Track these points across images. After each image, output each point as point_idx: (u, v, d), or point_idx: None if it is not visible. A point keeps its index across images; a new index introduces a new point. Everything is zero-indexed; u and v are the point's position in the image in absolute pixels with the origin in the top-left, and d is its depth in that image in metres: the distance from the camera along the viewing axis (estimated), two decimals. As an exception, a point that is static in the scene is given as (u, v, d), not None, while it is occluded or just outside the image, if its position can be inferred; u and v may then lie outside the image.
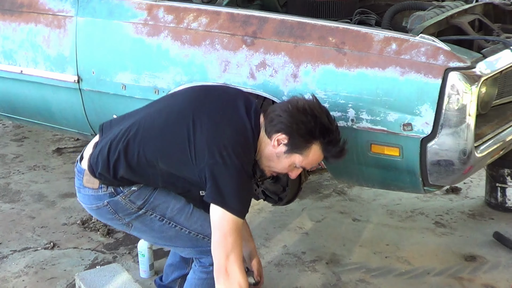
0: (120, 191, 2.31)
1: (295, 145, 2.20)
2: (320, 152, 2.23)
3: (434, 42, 2.35)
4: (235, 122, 2.22)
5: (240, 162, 2.15)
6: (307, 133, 2.18)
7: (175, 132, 2.23)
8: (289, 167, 2.26)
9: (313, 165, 2.30)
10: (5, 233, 3.55)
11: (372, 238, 3.49)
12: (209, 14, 2.75)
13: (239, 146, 2.17)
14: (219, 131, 2.18)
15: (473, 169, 2.45)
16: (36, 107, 3.43)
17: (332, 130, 2.22)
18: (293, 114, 2.19)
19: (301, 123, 2.17)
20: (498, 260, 3.24)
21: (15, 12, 3.31)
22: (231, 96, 2.34)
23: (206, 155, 2.15)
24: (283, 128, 2.19)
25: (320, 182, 4.18)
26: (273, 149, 2.23)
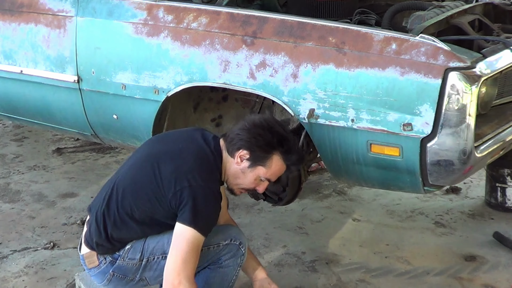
0: (117, 256, 2.44)
1: (257, 158, 2.35)
2: (281, 161, 2.38)
3: (434, 42, 2.35)
4: (194, 150, 2.38)
5: (206, 183, 2.29)
6: (265, 144, 2.34)
7: (143, 177, 2.38)
8: (255, 181, 2.40)
9: (277, 176, 2.43)
10: (5, 233, 3.55)
11: (372, 238, 3.49)
12: (209, 14, 2.75)
13: (202, 170, 2.32)
14: (181, 160, 2.33)
15: (473, 169, 2.45)
16: (36, 107, 3.43)
17: (288, 139, 2.38)
18: (250, 129, 2.35)
19: (259, 136, 2.34)
20: (498, 260, 3.24)
21: (15, 12, 3.31)
22: (188, 132, 2.52)
23: (173, 184, 2.29)
24: (243, 144, 2.34)
25: (320, 182, 4.18)
26: (237, 166, 2.37)
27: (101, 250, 2.45)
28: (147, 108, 2.90)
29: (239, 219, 3.61)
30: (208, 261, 2.45)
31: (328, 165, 2.64)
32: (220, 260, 2.46)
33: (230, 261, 2.47)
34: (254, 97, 3.01)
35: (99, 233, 2.43)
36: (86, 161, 4.59)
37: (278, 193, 2.91)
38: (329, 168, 2.67)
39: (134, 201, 2.38)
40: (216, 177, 2.37)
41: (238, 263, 2.50)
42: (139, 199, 2.38)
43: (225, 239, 2.45)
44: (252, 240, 3.43)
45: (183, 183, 2.27)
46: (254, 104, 3.15)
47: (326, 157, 2.60)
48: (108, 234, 2.42)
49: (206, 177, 2.30)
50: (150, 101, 2.88)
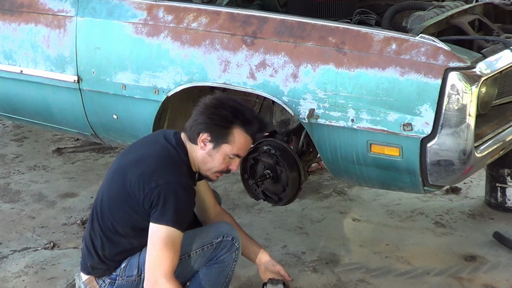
0: (115, 276, 2.45)
1: (218, 137, 2.33)
2: (244, 133, 2.35)
3: (434, 42, 2.35)
4: (156, 151, 2.38)
5: (172, 179, 2.29)
6: (221, 121, 2.32)
7: (114, 191, 2.40)
8: (225, 160, 2.38)
9: (245, 150, 2.42)
10: (5, 233, 3.55)
11: (372, 238, 3.49)
12: (209, 14, 2.75)
13: (166, 167, 2.32)
14: (145, 164, 2.34)
15: (473, 169, 2.45)
16: (36, 107, 3.43)
17: (243, 110, 2.36)
18: (204, 112, 2.35)
19: (213, 115, 2.33)
20: (498, 260, 3.24)
21: (15, 12, 3.31)
22: (151, 136, 2.54)
23: (142, 188, 2.30)
24: (202, 128, 2.34)
25: (320, 182, 4.18)
26: (203, 151, 2.36)
27: (98, 273, 2.47)
28: (147, 108, 2.91)
29: (239, 219, 3.61)
30: (204, 262, 2.46)
31: (328, 165, 2.64)
32: (216, 257, 2.46)
33: (225, 256, 2.47)
34: (254, 97, 3.00)
35: (91, 256, 2.46)
36: (86, 161, 4.59)
37: (278, 193, 2.91)
38: (329, 168, 2.67)
39: (112, 217, 2.41)
40: (182, 170, 2.34)
41: (233, 258, 2.50)
42: (116, 213, 2.40)
43: (217, 236, 2.45)
44: (252, 240, 3.43)
45: (150, 184, 2.28)
46: (254, 104, 3.15)
47: (326, 157, 2.60)
48: (99, 255, 2.44)
49: (171, 173, 2.30)
50: (150, 101, 2.88)
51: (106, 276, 2.46)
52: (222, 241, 2.45)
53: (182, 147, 2.40)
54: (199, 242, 2.44)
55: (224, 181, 4.18)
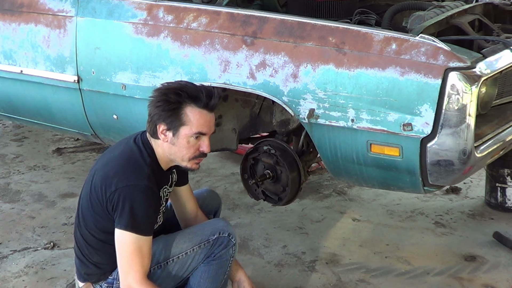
0: (111, 280, 2.45)
1: (172, 122, 2.30)
2: (196, 109, 2.31)
3: (434, 42, 2.35)
4: (120, 153, 2.38)
5: (132, 182, 2.27)
6: (168, 105, 2.29)
7: (84, 198, 2.42)
8: (189, 144, 2.33)
9: (207, 125, 2.35)
10: (5, 233, 3.55)
11: (372, 238, 3.49)
12: (209, 14, 2.75)
13: (127, 170, 2.30)
14: (108, 168, 2.34)
15: (473, 169, 2.45)
16: (36, 107, 3.43)
17: (184, 87, 2.33)
18: (151, 105, 2.34)
19: (159, 103, 2.31)
20: (498, 260, 3.24)
21: (15, 12, 3.31)
22: (124, 139, 2.49)
23: (104, 192, 2.30)
24: (155, 120, 2.32)
25: (320, 182, 4.18)
26: (166, 143, 2.34)
27: (94, 279, 2.48)
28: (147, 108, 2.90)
29: (239, 219, 3.61)
30: (202, 259, 2.45)
31: (328, 165, 2.64)
32: (213, 254, 2.46)
33: (222, 252, 2.46)
34: (254, 97, 3.00)
35: (84, 265, 2.47)
36: (86, 161, 4.59)
37: (278, 193, 2.91)
38: (329, 168, 2.67)
39: (86, 224, 2.42)
40: (144, 172, 2.30)
41: (231, 253, 2.49)
42: (89, 220, 2.40)
43: (213, 233, 2.45)
44: (252, 240, 3.43)
45: (111, 188, 2.27)
46: (254, 104, 3.15)
47: (326, 157, 2.60)
48: (91, 262, 2.45)
49: (131, 176, 2.28)
50: (150, 101, 2.88)
51: (102, 280, 2.46)
52: (219, 237, 2.45)
53: (147, 147, 2.38)
54: (195, 240, 2.43)
55: (224, 181, 4.18)
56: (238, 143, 3.22)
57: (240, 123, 3.18)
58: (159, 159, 2.38)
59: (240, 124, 3.18)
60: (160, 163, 2.39)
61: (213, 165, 4.47)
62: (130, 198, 2.25)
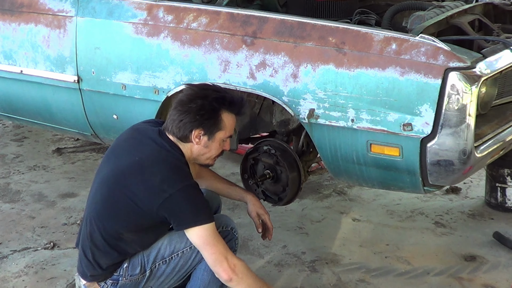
0: (116, 277, 2.46)
1: (211, 128, 2.40)
2: (230, 115, 2.44)
3: (434, 42, 2.35)
4: (155, 158, 2.37)
5: (182, 184, 2.31)
6: (209, 112, 2.38)
7: (116, 203, 2.38)
8: (221, 145, 2.47)
9: (234, 127, 2.50)
10: (5, 233, 3.55)
11: (372, 238, 3.49)
12: (209, 14, 2.75)
13: (173, 173, 2.34)
14: (148, 174, 2.33)
15: (473, 169, 2.45)
16: (36, 107, 3.43)
17: (221, 92, 2.43)
18: (186, 110, 2.38)
19: (199, 110, 2.37)
20: (498, 260, 3.24)
21: (15, 12, 3.31)
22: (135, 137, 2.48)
23: (154, 199, 2.31)
24: (192, 125, 2.38)
25: (320, 182, 4.18)
26: (199, 146, 2.42)
27: (100, 278, 2.48)
28: (147, 108, 2.90)
29: (240, 219, 3.61)
30: None
31: (328, 165, 2.64)
32: None
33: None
34: (254, 97, 3.00)
35: (92, 267, 2.46)
36: (86, 161, 4.59)
37: (278, 193, 2.91)
38: (329, 168, 2.67)
39: (119, 225, 2.40)
40: (186, 171, 2.38)
41: (233, 247, 2.52)
42: (124, 222, 2.40)
43: (217, 227, 2.44)
44: (252, 240, 3.43)
45: (163, 195, 2.29)
46: (254, 104, 3.15)
47: (326, 157, 2.60)
48: (100, 265, 2.44)
49: (179, 178, 2.33)
50: (150, 101, 2.88)
51: (108, 278, 2.46)
52: (222, 231, 2.47)
53: (176, 148, 2.42)
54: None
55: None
56: (238, 143, 3.22)
57: (240, 123, 3.18)
58: (186, 159, 2.44)
59: (240, 124, 3.18)
60: (188, 162, 2.46)
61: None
62: (187, 198, 2.31)
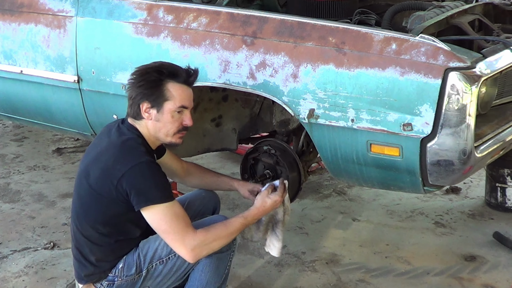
0: (112, 277, 2.45)
1: (156, 99, 2.37)
2: (177, 85, 2.39)
3: (434, 42, 2.35)
4: (110, 143, 2.40)
5: (134, 162, 2.29)
6: (150, 83, 2.37)
7: (84, 196, 2.42)
8: (174, 118, 2.40)
9: (188, 99, 2.43)
10: (5, 233, 3.55)
11: (372, 238, 3.49)
12: (209, 14, 2.75)
13: (124, 153, 2.33)
14: (103, 158, 2.36)
15: (473, 169, 2.45)
16: (36, 107, 3.43)
17: (163, 65, 2.43)
18: (131, 87, 2.41)
19: (141, 83, 2.38)
20: (498, 260, 3.24)
21: (15, 12, 3.31)
22: (103, 131, 2.52)
23: (109, 183, 2.31)
24: (137, 100, 2.38)
25: (320, 182, 4.18)
26: (150, 121, 2.40)
27: (94, 279, 2.47)
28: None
29: (239, 219, 3.60)
30: None
31: (328, 165, 2.64)
32: None
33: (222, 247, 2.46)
34: (254, 97, 3.00)
35: (84, 266, 2.47)
36: (86, 161, 4.58)
37: (278, 193, 2.91)
38: (329, 168, 2.67)
39: (90, 220, 2.41)
40: (140, 151, 2.35)
41: (231, 248, 2.51)
42: (93, 216, 2.41)
43: None
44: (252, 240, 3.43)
45: (117, 176, 2.29)
46: (254, 104, 3.15)
47: (326, 157, 2.60)
48: (91, 261, 2.44)
49: (131, 157, 2.31)
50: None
51: (103, 279, 2.46)
52: None
53: (133, 129, 2.42)
54: None
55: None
56: (238, 143, 3.22)
57: (240, 123, 3.18)
58: (147, 139, 2.43)
59: (240, 124, 3.18)
60: (149, 143, 2.44)
61: (213, 165, 4.47)
62: (140, 176, 2.29)
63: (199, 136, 3.12)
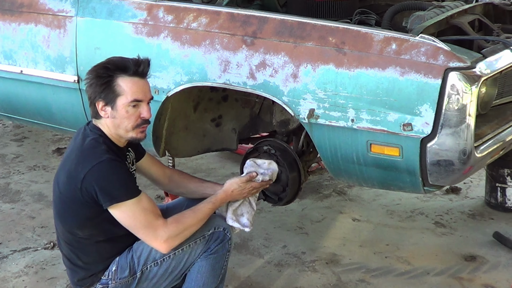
0: (105, 281, 2.43)
1: (108, 96, 2.34)
2: (128, 78, 2.35)
3: (434, 42, 2.35)
4: (73, 147, 2.40)
5: (95, 162, 2.28)
6: (99, 80, 2.34)
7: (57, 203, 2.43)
8: (128, 113, 2.35)
9: (142, 92, 2.37)
10: (5, 233, 3.55)
11: (372, 238, 3.49)
12: (209, 14, 2.75)
13: (85, 155, 2.32)
14: (67, 163, 2.37)
15: (473, 169, 2.45)
16: (36, 107, 3.43)
17: (110, 61, 2.39)
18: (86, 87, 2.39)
19: (91, 81, 2.36)
20: (498, 260, 3.24)
21: (15, 12, 3.31)
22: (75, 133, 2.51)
23: (73, 186, 2.31)
24: (93, 98, 2.37)
25: (320, 182, 4.18)
26: (108, 118, 2.37)
27: (87, 283, 2.46)
28: None
29: (239, 219, 3.61)
30: (198, 254, 2.45)
31: (328, 165, 2.64)
32: (209, 249, 2.46)
33: (218, 247, 2.47)
34: (254, 97, 3.00)
35: (74, 271, 2.47)
36: (86, 161, 4.58)
37: (278, 193, 2.91)
38: (329, 168, 2.67)
39: (67, 227, 2.41)
40: (101, 149, 2.33)
41: (227, 248, 2.50)
42: (68, 222, 2.40)
43: (208, 229, 2.45)
44: (252, 240, 3.43)
45: (79, 178, 2.28)
46: (254, 104, 3.15)
47: (326, 157, 2.60)
48: (81, 266, 2.44)
49: (91, 158, 2.30)
50: (150, 101, 2.88)
51: (96, 282, 2.44)
52: (214, 232, 2.46)
53: (95, 130, 2.40)
54: (192, 235, 2.42)
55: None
56: (238, 143, 3.22)
57: (240, 123, 3.18)
58: (110, 138, 2.40)
59: (240, 124, 3.18)
60: (114, 141, 2.41)
61: (213, 165, 4.47)
62: (102, 176, 2.28)
63: (199, 136, 3.12)
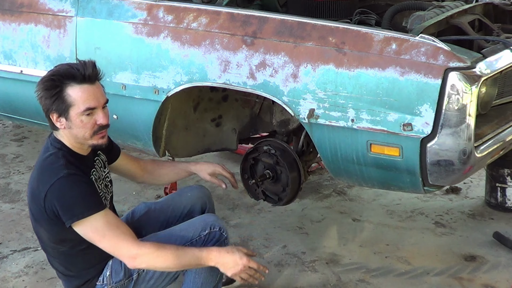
0: (100, 286, 2.41)
1: (60, 107, 2.27)
2: (77, 87, 2.26)
3: (434, 42, 2.35)
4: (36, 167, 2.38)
5: (53, 180, 2.23)
6: (48, 94, 2.27)
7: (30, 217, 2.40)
8: (83, 122, 2.29)
9: (94, 98, 2.30)
10: (5, 233, 3.55)
11: (372, 238, 3.49)
12: (209, 14, 2.75)
13: (44, 173, 2.29)
14: (31, 184, 2.34)
15: (473, 169, 2.45)
16: (36, 107, 3.41)
17: (55, 70, 2.30)
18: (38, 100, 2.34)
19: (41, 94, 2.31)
20: (498, 260, 3.24)
21: (15, 12, 3.31)
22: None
23: (37, 205, 2.28)
24: (45, 112, 2.32)
25: (320, 182, 4.18)
26: (65, 129, 2.31)
27: None
28: (147, 108, 2.90)
29: (240, 219, 3.61)
30: None
31: (328, 165, 2.64)
32: None
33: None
34: (254, 97, 3.01)
35: (67, 281, 2.45)
36: (86, 161, 4.58)
37: (278, 193, 2.91)
38: (329, 168, 2.67)
39: (46, 241, 2.40)
40: (59, 164, 2.28)
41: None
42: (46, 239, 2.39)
43: (204, 229, 2.45)
44: (252, 240, 3.43)
45: (41, 197, 2.25)
46: (254, 104, 3.15)
47: (326, 157, 2.60)
48: (70, 275, 2.43)
49: (49, 175, 2.26)
50: (150, 101, 2.88)
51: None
52: (210, 232, 2.45)
53: (55, 143, 2.36)
54: (187, 237, 2.43)
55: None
56: (238, 143, 3.22)
57: (240, 123, 3.18)
58: (71, 147, 2.36)
59: (240, 124, 3.18)
60: (76, 150, 2.36)
61: (213, 165, 4.46)
62: (61, 193, 2.23)
63: (199, 136, 3.12)
